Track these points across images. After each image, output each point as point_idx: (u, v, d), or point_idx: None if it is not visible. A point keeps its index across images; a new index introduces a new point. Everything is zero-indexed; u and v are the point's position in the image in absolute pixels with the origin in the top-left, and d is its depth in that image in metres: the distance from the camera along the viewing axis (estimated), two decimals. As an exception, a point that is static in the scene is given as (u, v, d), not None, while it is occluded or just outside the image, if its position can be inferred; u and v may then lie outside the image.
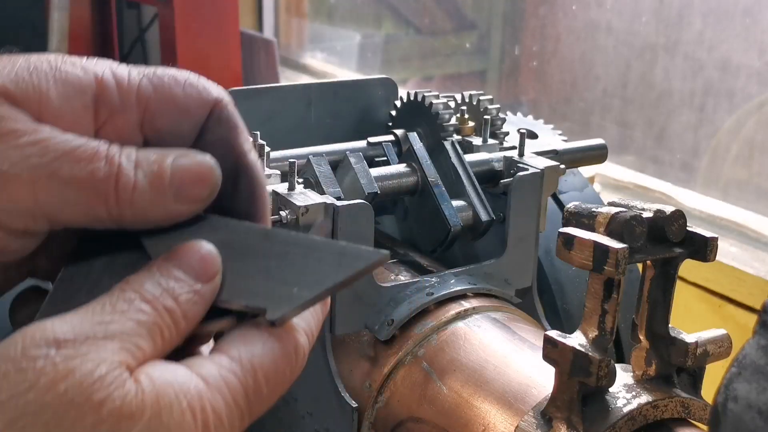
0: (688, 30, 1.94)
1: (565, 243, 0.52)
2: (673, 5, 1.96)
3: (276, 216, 0.68)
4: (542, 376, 0.60)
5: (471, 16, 2.66)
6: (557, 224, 0.66)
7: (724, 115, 1.89)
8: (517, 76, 2.48)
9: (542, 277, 0.87)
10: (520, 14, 2.46)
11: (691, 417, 0.56)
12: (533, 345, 0.66)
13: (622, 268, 0.50)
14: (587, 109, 2.20)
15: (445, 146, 0.80)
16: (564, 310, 0.87)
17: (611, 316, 0.53)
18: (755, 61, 1.81)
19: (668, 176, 1.99)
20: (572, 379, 0.53)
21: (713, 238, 0.55)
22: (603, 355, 0.52)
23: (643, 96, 2.06)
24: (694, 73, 1.94)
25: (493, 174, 0.81)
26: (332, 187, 0.73)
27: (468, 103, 0.90)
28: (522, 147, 0.81)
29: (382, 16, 2.85)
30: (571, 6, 2.23)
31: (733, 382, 0.37)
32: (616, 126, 2.13)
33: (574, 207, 0.55)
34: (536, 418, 0.56)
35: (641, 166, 2.05)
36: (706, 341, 0.56)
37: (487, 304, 0.72)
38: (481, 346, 0.66)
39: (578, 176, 0.99)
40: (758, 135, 1.82)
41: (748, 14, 1.81)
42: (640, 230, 0.52)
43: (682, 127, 1.99)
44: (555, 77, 2.32)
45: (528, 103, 2.42)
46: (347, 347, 0.72)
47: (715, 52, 1.89)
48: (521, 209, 0.77)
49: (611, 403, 0.54)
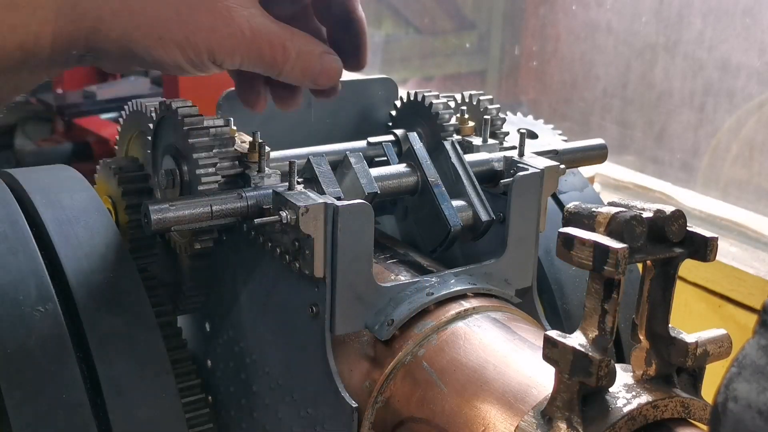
0: (688, 30, 1.94)
1: (565, 243, 0.52)
2: (673, 5, 1.96)
3: (276, 216, 0.68)
4: (542, 376, 0.60)
5: (471, 16, 2.66)
6: (557, 224, 0.66)
7: (724, 115, 1.89)
8: (517, 76, 2.48)
9: (542, 277, 0.87)
10: (520, 14, 2.46)
11: (691, 417, 0.56)
12: (533, 345, 0.66)
13: (622, 268, 0.50)
14: (587, 109, 2.20)
15: (445, 146, 0.80)
16: (564, 310, 0.87)
17: (611, 316, 0.53)
18: (755, 61, 1.81)
19: (668, 176, 1.99)
20: (572, 379, 0.53)
21: (713, 238, 0.55)
22: (603, 355, 0.52)
23: (643, 96, 2.06)
24: (694, 73, 1.94)
25: (493, 174, 0.81)
26: (332, 187, 0.73)
27: (468, 103, 0.90)
28: (522, 147, 0.81)
29: (382, 16, 2.85)
30: (571, 6, 2.23)
31: (733, 382, 0.37)
32: (616, 126, 2.13)
33: (574, 207, 0.55)
34: (536, 418, 0.56)
35: (641, 166, 2.05)
36: (706, 341, 0.56)
37: (487, 304, 0.72)
38: (481, 346, 0.66)
39: (578, 176, 0.99)
40: (758, 135, 1.82)
41: (748, 14, 1.81)
42: (640, 230, 0.52)
43: (682, 127, 1.99)
44: (555, 77, 2.32)
45: (528, 103, 2.42)
46: (347, 347, 0.72)
47: (715, 52, 1.89)
48: (521, 209, 0.77)
49: (611, 403, 0.54)
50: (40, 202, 0.74)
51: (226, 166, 0.74)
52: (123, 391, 0.67)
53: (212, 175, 0.72)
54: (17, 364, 0.64)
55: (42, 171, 0.80)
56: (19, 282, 0.68)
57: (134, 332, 0.70)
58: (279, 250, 0.71)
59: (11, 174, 0.78)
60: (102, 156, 0.97)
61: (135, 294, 0.72)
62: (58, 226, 0.73)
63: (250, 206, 0.72)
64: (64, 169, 0.82)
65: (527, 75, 2.44)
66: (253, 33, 0.65)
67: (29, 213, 0.74)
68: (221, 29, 0.63)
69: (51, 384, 0.65)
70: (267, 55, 0.67)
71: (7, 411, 0.63)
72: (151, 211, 0.67)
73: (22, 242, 0.70)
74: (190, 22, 0.62)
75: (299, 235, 0.68)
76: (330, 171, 0.74)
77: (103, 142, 2.75)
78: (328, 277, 0.68)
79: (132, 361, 0.69)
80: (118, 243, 0.74)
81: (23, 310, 0.66)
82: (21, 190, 0.76)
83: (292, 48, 0.67)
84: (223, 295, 0.81)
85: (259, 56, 0.66)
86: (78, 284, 0.70)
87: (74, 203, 0.76)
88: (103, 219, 0.75)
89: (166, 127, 0.77)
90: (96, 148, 2.81)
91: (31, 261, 0.69)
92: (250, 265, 0.77)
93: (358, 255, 0.68)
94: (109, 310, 0.70)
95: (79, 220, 0.74)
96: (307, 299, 0.70)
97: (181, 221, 0.69)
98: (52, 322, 0.67)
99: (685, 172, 1.98)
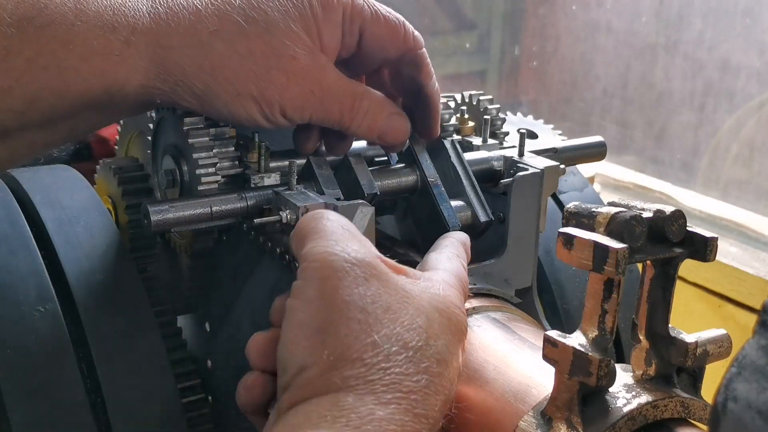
0: (688, 30, 1.94)
1: (565, 243, 0.52)
2: (673, 5, 1.96)
3: (276, 216, 0.68)
4: (542, 376, 0.60)
5: (471, 16, 2.65)
6: (557, 224, 0.66)
7: (724, 115, 1.89)
8: (517, 76, 2.48)
9: (542, 277, 0.87)
10: (520, 14, 2.46)
11: (691, 417, 0.56)
12: (533, 345, 0.66)
13: (622, 268, 0.50)
14: (587, 109, 2.20)
15: (444, 145, 0.80)
16: (564, 310, 0.87)
17: (611, 316, 0.53)
18: (755, 61, 1.81)
19: (668, 176, 1.99)
20: (572, 379, 0.53)
21: (713, 238, 0.55)
22: (603, 355, 0.52)
23: (643, 96, 2.06)
24: (694, 73, 1.94)
25: (493, 174, 0.81)
26: (332, 187, 0.73)
27: (468, 103, 0.90)
28: (522, 147, 0.81)
29: (382, 16, 2.84)
30: (571, 6, 2.23)
31: (733, 382, 0.37)
32: (616, 126, 2.13)
33: (574, 207, 0.55)
34: (536, 418, 0.56)
35: (641, 166, 2.05)
36: (706, 341, 0.56)
37: (487, 304, 0.72)
38: (481, 346, 0.66)
39: (578, 176, 0.99)
40: (758, 135, 1.82)
41: (748, 14, 1.81)
42: (640, 230, 0.52)
43: (682, 127, 1.99)
44: (555, 77, 2.32)
45: (528, 103, 2.42)
46: (347, 347, 0.71)
47: (715, 52, 1.89)
48: (521, 209, 0.77)
49: (611, 403, 0.54)
50: (40, 202, 0.74)
51: (226, 166, 0.74)
52: (123, 391, 0.67)
53: (212, 175, 0.72)
54: (17, 364, 0.64)
55: (42, 171, 0.80)
56: (19, 282, 0.68)
57: (134, 332, 0.70)
58: (279, 250, 0.71)
59: (11, 174, 0.78)
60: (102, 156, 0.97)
61: (135, 294, 0.72)
62: (58, 226, 0.73)
63: (250, 206, 0.72)
64: (64, 169, 0.82)
65: (527, 75, 2.44)
66: (323, 92, 0.69)
67: (29, 213, 0.74)
68: (293, 88, 0.67)
69: (51, 384, 0.65)
70: (335, 113, 0.70)
71: (7, 411, 0.63)
72: (151, 212, 0.67)
73: (22, 242, 0.70)
74: (265, 80, 0.66)
75: (299, 235, 0.68)
76: (330, 171, 0.74)
77: (103, 142, 2.75)
78: (328, 277, 0.68)
79: (132, 361, 0.69)
80: (118, 243, 0.74)
81: (23, 310, 0.66)
82: (21, 190, 0.76)
83: (360, 107, 0.71)
84: (223, 295, 0.81)
85: (328, 114, 0.70)
86: (78, 284, 0.70)
87: (74, 203, 0.76)
88: (103, 219, 0.75)
89: (166, 127, 0.77)
90: (96, 148, 2.80)
91: (31, 261, 0.69)
92: (250, 265, 0.77)
93: (358, 255, 0.68)
94: (109, 310, 0.70)
95: (79, 220, 0.74)
96: (307, 299, 0.70)
97: (180, 222, 0.69)
98: (52, 322, 0.67)
99: (685, 172, 1.98)
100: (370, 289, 0.54)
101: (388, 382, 0.52)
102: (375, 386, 0.51)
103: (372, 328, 0.53)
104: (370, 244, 0.59)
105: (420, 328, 0.55)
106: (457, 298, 0.60)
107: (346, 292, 0.53)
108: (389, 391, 0.51)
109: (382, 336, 0.53)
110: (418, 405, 0.52)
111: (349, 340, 0.52)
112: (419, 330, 0.55)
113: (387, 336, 0.53)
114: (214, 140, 0.73)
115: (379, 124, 0.73)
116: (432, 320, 0.56)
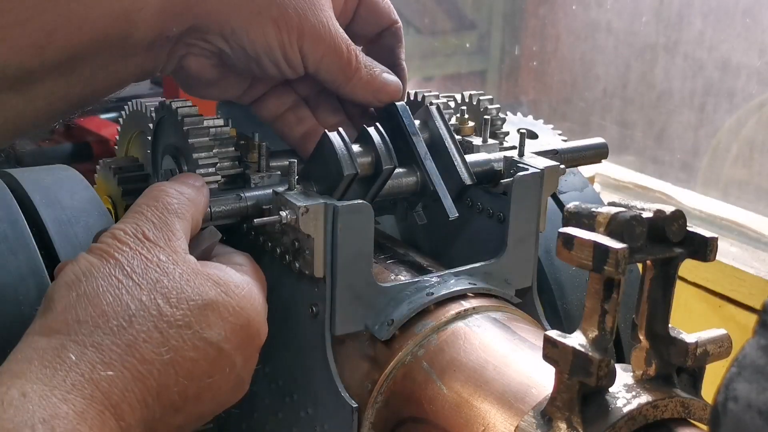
0: (688, 30, 1.94)
1: (565, 243, 0.52)
2: (673, 5, 1.96)
3: (276, 216, 0.68)
4: (542, 376, 0.60)
5: (471, 16, 2.66)
6: (557, 224, 0.66)
7: (724, 115, 1.89)
8: (517, 76, 2.48)
9: (542, 277, 0.87)
10: (520, 14, 2.46)
11: (691, 417, 0.56)
12: (533, 345, 0.66)
13: (622, 268, 0.50)
14: (587, 109, 2.20)
15: (431, 111, 0.81)
16: (564, 310, 0.87)
17: (611, 316, 0.53)
18: (755, 61, 1.81)
19: (668, 176, 1.99)
20: (572, 379, 0.53)
21: (713, 238, 0.55)
22: (603, 355, 0.52)
23: (643, 96, 2.06)
24: (694, 73, 1.94)
25: (493, 174, 0.81)
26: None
27: (468, 103, 0.90)
28: (522, 147, 0.81)
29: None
30: (571, 6, 2.23)
31: (733, 382, 0.37)
32: (616, 126, 2.13)
33: (574, 207, 0.55)
34: (536, 418, 0.56)
35: (641, 166, 2.05)
36: (706, 341, 0.56)
37: (487, 304, 0.72)
38: (481, 346, 0.66)
39: (578, 176, 0.99)
40: (758, 135, 1.82)
41: (748, 14, 1.81)
42: (640, 230, 0.52)
43: (682, 127, 1.99)
44: (555, 77, 2.32)
45: (528, 103, 2.42)
46: (347, 347, 0.72)
47: (715, 52, 1.89)
48: (521, 209, 0.77)
49: (611, 403, 0.54)
50: (40, 202, 0.74)
51: (226, 166, 0.74)
52: (123, 391, 0.67)
53: (212, 175, 0.72)
54: (17, 364, 0.64)
55: (42, 171, 0.80)
56: (19, 282, 0.68)
57: (134, 332, 0.70)
58: (279, 250, 0.71)
59: (11, 174, 0.78)
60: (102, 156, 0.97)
61: (135, 294, 0.72)
62: (58, 226, 0.73)
63: (250, 206, 0.72)
64: (64, 169, 0.82)
65: (527, 75, 2.44)
66: (335, 30, 0.71)
67: (29, 213, 0.74)
68: (311, 17, 0.70)
69: (51, 384, 0.65)
70: (345, 55, 0.72)
71: (7, 411, 0.63)
72: (151, 211, 0.67)
73: (22, 242, 0.70)
74: (286, 3, 0.69)
75: (299, 235, 0.68)
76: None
77: (103, 142, 2.75)
78: (328, 278, 0.68)
79: (132, 361, 0.69)
80: (118, 243, 0.74)
81: (23, 310, 0.66)
82: (21, 190, 0.76)
83: (360, 61, 0.74)
84: (223, 295, 0.81)
85: (339, 54, 0.72)
86: (78, 284, 0.70)
87: (74, 203, 0.75)
88: (103, 219, 0.75)
89: (166, 127, 0.77)
90: (96, 148, 2.80)
91: (31, 261, 0.69)
92: (250, 265, 0.77)
93: (358, 255, 0.68)
94: (109, 310, 0.70)
95: (79, 220, 0.74)
96: (307, 299, 0.70)
97: (181, 221, 0.69)
98: (52, 322, 0.66)
99: (685, 172, 1.98)
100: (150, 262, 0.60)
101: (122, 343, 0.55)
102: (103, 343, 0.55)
103: (130, 292, 0.57)
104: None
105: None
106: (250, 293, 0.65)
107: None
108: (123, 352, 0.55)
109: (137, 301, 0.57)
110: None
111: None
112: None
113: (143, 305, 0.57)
114: (214, 140, 0.73)
115: (376, 78, 0.75)
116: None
